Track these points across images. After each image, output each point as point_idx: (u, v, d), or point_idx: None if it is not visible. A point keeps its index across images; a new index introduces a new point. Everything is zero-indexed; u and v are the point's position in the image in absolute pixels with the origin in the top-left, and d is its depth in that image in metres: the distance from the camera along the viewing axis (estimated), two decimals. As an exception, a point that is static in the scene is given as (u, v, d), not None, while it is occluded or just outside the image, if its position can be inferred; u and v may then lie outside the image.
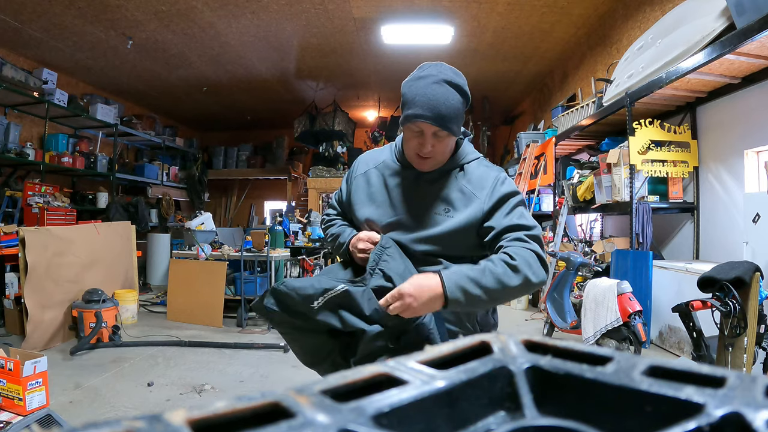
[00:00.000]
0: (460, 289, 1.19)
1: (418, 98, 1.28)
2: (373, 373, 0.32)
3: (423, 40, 6.49)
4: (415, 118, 1.29)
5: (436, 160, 1.38)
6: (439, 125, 1.28)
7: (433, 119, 1.27)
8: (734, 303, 2.62)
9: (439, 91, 1.28)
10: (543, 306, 5.15)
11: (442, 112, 1.27)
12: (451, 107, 1.28)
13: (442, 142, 1.33)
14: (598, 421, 0.31)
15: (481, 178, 1.38)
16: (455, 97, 1.29)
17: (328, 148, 9.84)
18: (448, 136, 1.32)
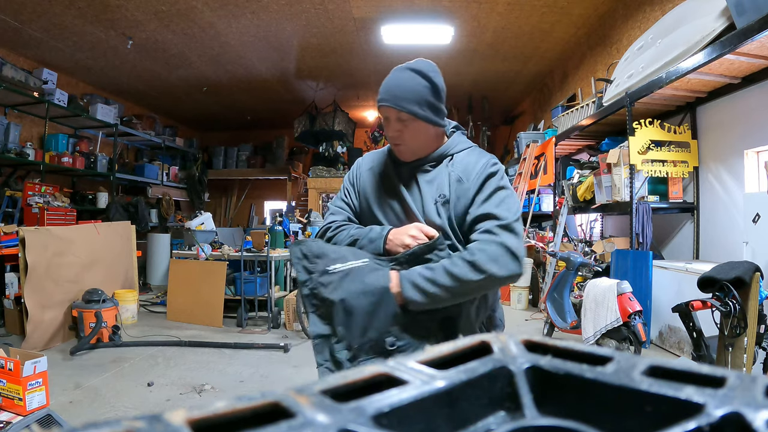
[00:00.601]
0: (415, 286, 1.21)
1: (384, 86, 1.35)
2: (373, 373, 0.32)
3: (423, 40, 6.49)
4: (378, 104, 1.35)
5: (408, 146, 1.38)
6: (397, 106, 1.31)
7: (390, 100, 1.32)
8: (734, 303, 2.62)
9: (400, 76, 1.34)
10: (543, 306, 5.15)
11: (398, 94, 1.31)
12: (409, 89, 1.31)
13: (409, 127, 1.34)
14: (598, 421, 0.31)
15: (470, 164, 1.39)
16: (416, 81, 1.32)
17: (328, 148, 9.84)
18: (412, 119, 1.33)
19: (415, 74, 1.33)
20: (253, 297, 5.50)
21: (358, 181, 1.51)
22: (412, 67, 1.34)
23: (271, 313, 5.33)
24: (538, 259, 6.52)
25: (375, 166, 1.51)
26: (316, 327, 1.35)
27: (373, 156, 1.55)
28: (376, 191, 1.46)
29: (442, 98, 1.38)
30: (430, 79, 1.34)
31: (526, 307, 6.29)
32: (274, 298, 5.49)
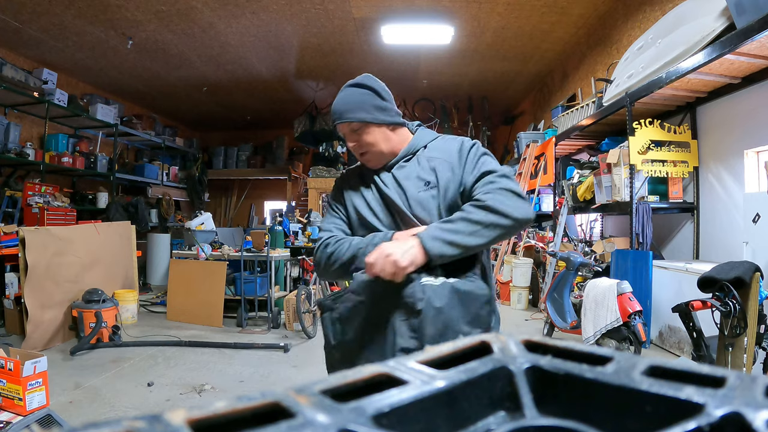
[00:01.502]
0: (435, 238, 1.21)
1: (332, 108, 1.45)
2: (373, 373, 0.32)
3: (423, 40, 6.49)
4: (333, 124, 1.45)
5: (371, 152, 1.43)
6: (344, 119, 1.41)
7: (338, 117, 1.42)
8: (734, 303, 2.62)
9: (341, 94, 1.44)
10: (543, 306, 5.15)
11: (343, 109, 1.41)
12: (351, 101, 1.41)
13: (364, 134, 1.41)
14: (598, 421, 0.31)
15: (447, 146, 1.44)
16: (356, 92, 1.42)
17: (328, 148, 9.85)
18: (364, 126, 1.40)
19: (354, 87, 1.43)
20: (253, 297, 5.50)
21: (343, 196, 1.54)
22: (350, 83, 1.45)
23: (271, 313, 5.33)
24: (538, 259, 6.52)
25: (353, 181, 1.54)
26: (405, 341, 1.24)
27: (349, 173, 1.60)
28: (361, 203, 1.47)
29: (386, 99, 1.44)
30: (368, 86, 1.43)
31: (526, 307, 6.29)
32: (274, 298, 5.49)
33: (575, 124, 5.59)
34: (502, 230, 1.25)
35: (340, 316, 1.34)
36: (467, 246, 1.23)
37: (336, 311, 1.35)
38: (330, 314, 1.36)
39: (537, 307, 6.17)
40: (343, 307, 1.33)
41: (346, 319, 1.33)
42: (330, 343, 1.37)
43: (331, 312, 1.36)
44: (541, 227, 7.15)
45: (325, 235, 1.46)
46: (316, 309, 5.31)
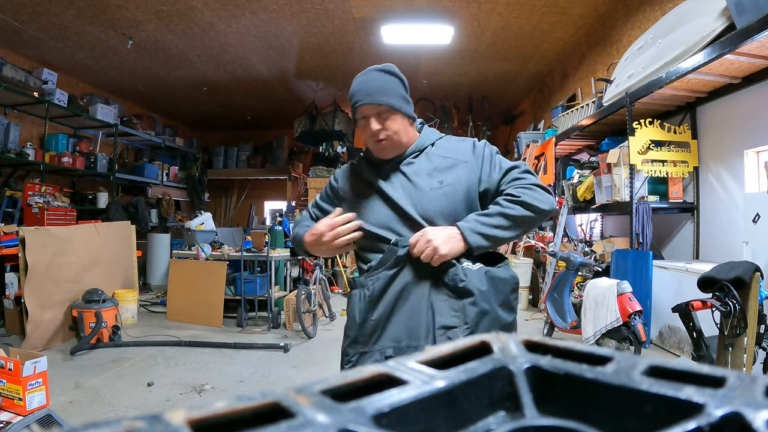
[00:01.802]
0: (475, 231, 1.29)
1: (354, 89, 1.42)
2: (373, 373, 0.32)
3: (423, 40, 6.49)
4: (354, 105, 1.40)
5: (392, 141, 1.41)
6: (375, 101, 1.37)
7: (366, 99, 1.38)
8: (734, 303, 2.62)
9: (368, 77, 1.42)
10: (543, 306, 5.15)
11: (373, 91, 1.38)
12: (381, 85, 1.39)
13: (389, 119, 1.39)
14: (598, 421, 0.31)
15: (456, 147, 1.46)
16: (384, 77, 1.41)
17: (328, 148, 9.84)
18: (390, 111, 1.39)
19: (382, 73, 1.42)
20: (253, 297, 5.50)
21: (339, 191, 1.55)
22: (376, 68, 1.43)
23: (271, 313, 5.33)
24: (538, 259, 6.52)
25: (350, 177, 1.54)
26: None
27: (345, 169, 1.59)
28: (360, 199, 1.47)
29: (409, 92, 1.46)
30: (398, 75, 1.43)
31: (526, 307, 6.29)
32: (274, 298, 5.49)
33: (575, 124, 5.59)
34: (533, 223, 1.36)
35: (372, 293, 1.35)
36: (503, 239, 1.33)
37: (368, 288, 1.36)
38: (361, 291, 1.37)
39: (537, 307, 6.17)
40: (377, 285, 1.34)
41: (378, 296, 1.34)
42: (355, 322, 1.37)
43: (363, 289, 1.37)
44: (541, 227, 7.15)
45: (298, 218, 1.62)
46: (315, 309, 5.32)
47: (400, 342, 1.32)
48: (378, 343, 1.34)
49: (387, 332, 1.33)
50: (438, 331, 1.30)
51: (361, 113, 1.41)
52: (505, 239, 1.33)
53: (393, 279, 1.33)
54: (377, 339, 1.34)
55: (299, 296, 4.88)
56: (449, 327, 1.29)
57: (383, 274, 1.34)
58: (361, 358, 1.36)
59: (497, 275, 1.34)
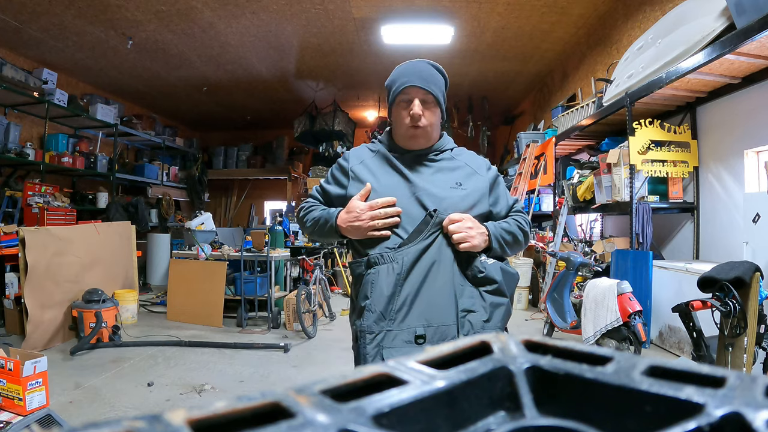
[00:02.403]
0: (498, 238, 1.42)
1: (404, 71, 1.43)
2: (373, 373, 0.32)
3: (423, 40, 6.49)
4: (403, 85, 1.40)
5: (426, 131, 1.44)
6: (426, 87, 1.39)
7: (419, 82, 1.39)
8: (734, 303, 2.62)
9: (421, 65, 1.44)
10: (543, 306, 5.15)
11: (426, 78, 1.40)
12: (433, 77, 1.42)
13: (430, 110, 1.42)
14: (598, 421, 0.31)
15: (473, 158, 1.54)
16: (436, 73, 1.45)
17: (328, 148, 9.84)
18: (434, 104, 1.42)
19: (433, 68, 1.45)
20: (253, 297, 5.50)
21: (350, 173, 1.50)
22: (428, 62, 1.46)
23: (271, 313, 5.33)
24: (538, 259, 6.52)
25: (368, 158, 1.51)
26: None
27: (360, 151, 1.55)
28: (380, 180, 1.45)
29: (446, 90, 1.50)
30: (445, 74, 1.48)
31: (526, 307, 6.29)
32: (274, 298, 5.49)
33: (575, 124, 5.59)
34: (517, 251, 1.56)
35: (402, 267, 1.35)
36: (506, 253, 1.49)
37: (397, 262, 1.36)
38: (390, 266, 1.36)
39: (537, 307, 6.17)
40: (407, 259, 1.35)
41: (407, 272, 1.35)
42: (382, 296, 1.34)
43: (392, 263, 1.36)
44: (541, 227, 7.15)
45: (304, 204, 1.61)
46: (315, 309, 5.32)
47: (431, 321, 1.33)
48: (405, 321, 1.33)
49: (414, 310, 1.34)
50: (461, 314, 1.35)
51: (406, 94, 1.41)
52: (505, 254, 1.49)
53: (421, 256, 1.36)
54: (404, 317, 1.33)
55: (299, 296, 4.88)
56: (470, 311, 1.35)
57: (414, 249, 1.35)
58: (387, 335, 1.33)
59: (508, 270, 1.46)
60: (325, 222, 1.46)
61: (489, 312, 1.37)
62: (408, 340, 1.32)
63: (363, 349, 1.34)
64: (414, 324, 1.33)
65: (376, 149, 1.53)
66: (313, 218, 1.51)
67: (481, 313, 1.36)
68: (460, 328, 1.34)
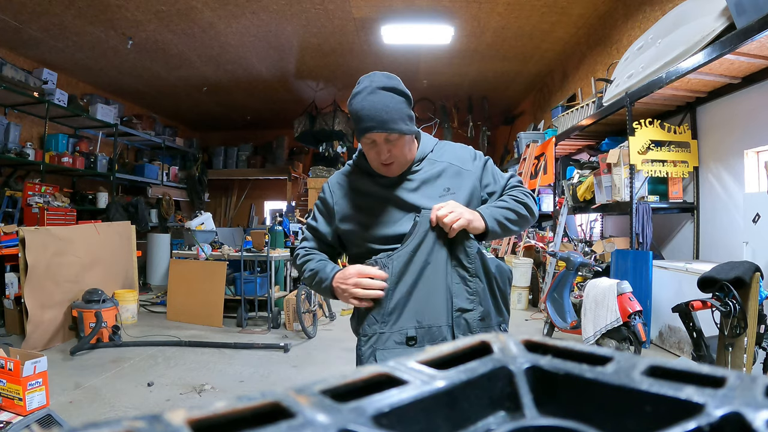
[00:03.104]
0: (494, 217, 1.38)
1: (359, 113, 1.35)
2: (373, 373, 0.32)
3: (423, 40, 6.49)
4: (363, 132, 1.36)
5: (399, 163, 1.42)
6: (385, 130, 1.34)
7: (378, 127, 1.33)
8: (734, 303, 2.62)
9: (375, 99, 1.34)
10: (543, 306, 5.15)
11: (383, 118, 1.33)
12: (390, 110, 1.34)
13: (397, 144, 1.38)
14: (598, 421, 0.31)
15: (456, 154, 1.50)
16: (392, 99, 1.36)
17: (328, 148, 9.85)
18: (399, 137, 1.38)
19: (389, 93, 1.36)
20: (253, 297, 5.50)
21: (334, 207, 1.50)
22: (381, 86, 1.36)
23: (271, 313, 5.33)
24: (538, 259, 6.52)
25: (348, 188, 1.50)
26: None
27: (339, 178, 1.55)
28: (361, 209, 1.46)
29: (412, 104, 1.45)
30: (403, 92, 1.39)
31: (526, 307, 6.29)
32: (274, 298, 5.49)
33: (575, 124, 5.59)
34: (526, 225, 1.47)
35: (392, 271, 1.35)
36: (510, 231, 1.43)
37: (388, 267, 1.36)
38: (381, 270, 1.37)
39: (537, 307, 6.17)
40: (398, 263, 1.35)
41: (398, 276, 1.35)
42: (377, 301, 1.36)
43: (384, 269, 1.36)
44: (541, 227, 7.15)
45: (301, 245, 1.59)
46: (315, 309, 5.32)
47: (422, 322, 1.33)
48: (397, 323, 1.35)
49: (406, 312, 1.34)
50: (455, 313, 1.34)
51: (369, 138, 1.38)
52: (511, 232, 1.43)
53: (412, 258, 1.34)
54: (396, 319, 1.35)
55: (299, 296, 4.88)
56: (465, 310, 1.34)
57: (404, 251, 1.35)
58: (380, 337, 1.35)
59: (503, 266, 1.46)
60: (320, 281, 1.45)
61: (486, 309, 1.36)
62: (400, 341, 1.34)
63: (359, 350, 1.39)
64: (406, 326, 1.34)
65: (356, 177, 1.52)
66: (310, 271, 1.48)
67: (477, 311, 1.35)
68: (456, 328, 1.34)
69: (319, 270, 1.46)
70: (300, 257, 1.54)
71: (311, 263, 1.50)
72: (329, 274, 1.43)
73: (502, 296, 1.42)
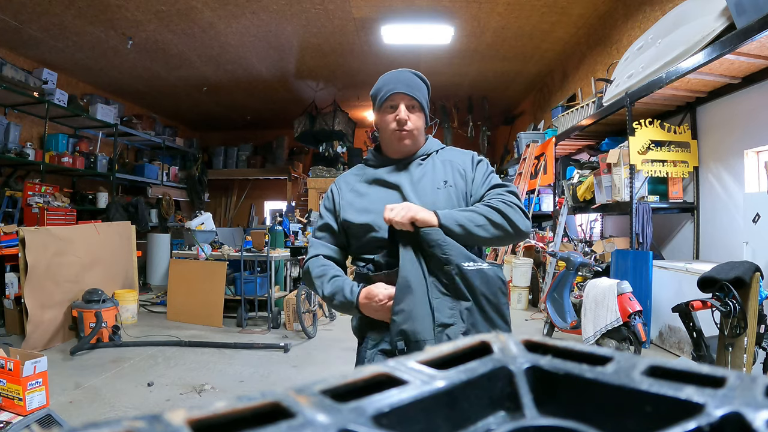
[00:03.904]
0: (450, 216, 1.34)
1: (389, 80, 1.49)
2: (373, 373, 0.32)
3: (423, 40, 6.49)
4: (389, 92, 1.46)
5: (413, 135, 1.49)
6: (411, 93, 1.45)
7: (404, 88, 1.45)
8: (734, 303, 2.62)
9: (405, 74, 1.50)
10: (543, 306, 5.15)
11: (410, 84, 1.47)
12: (416, 84, 1.48)
13: (415, 115, 1.48)
14: (598, 421, 0.31)
15: (459, 156, 1.56)
16: (420, 80, 1.50)
17: (328, 148, 9.85)
18: (419, 109, 1.48)
19: (416, 76, 1.50)
20: (253, 297, 5.50)
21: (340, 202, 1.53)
22: (408, 70, 1.51)
23: (271, 313, 5.33)
24: (538, 259, 6.52)
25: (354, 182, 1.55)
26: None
27: (347, 177, 1.60)
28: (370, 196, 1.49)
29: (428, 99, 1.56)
30: (427, 83, 1.53)
31: (526, 307, 6.29)
32: (274, 298, 5.49)
33: (575, 124, 5.59)
34: (504, 234, 1.39)
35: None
36: (472, 234, 1.36)
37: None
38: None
39: (537, 307, 6.17)
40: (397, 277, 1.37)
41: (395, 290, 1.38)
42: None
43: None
44: (541, 227, 7.15)
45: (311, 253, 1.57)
46: (315, 309, 5.32)
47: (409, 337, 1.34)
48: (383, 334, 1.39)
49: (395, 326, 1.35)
50: (437, 329, 1.33)
51: (392, 100, 1.46)
52: (475, 236, 1.36)
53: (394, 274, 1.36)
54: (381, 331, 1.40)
55: (299, 296, 4.88)
56: (447, 325, 1.33)
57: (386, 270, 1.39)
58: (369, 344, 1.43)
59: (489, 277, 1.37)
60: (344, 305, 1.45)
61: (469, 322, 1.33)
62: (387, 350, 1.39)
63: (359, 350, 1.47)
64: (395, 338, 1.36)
65: (362, 172, 1.57)
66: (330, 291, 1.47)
67: (459, 325, 1.32)
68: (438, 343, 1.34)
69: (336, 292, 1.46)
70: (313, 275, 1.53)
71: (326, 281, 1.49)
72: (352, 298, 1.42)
73: (495, 309, 1.36)
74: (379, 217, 1.40)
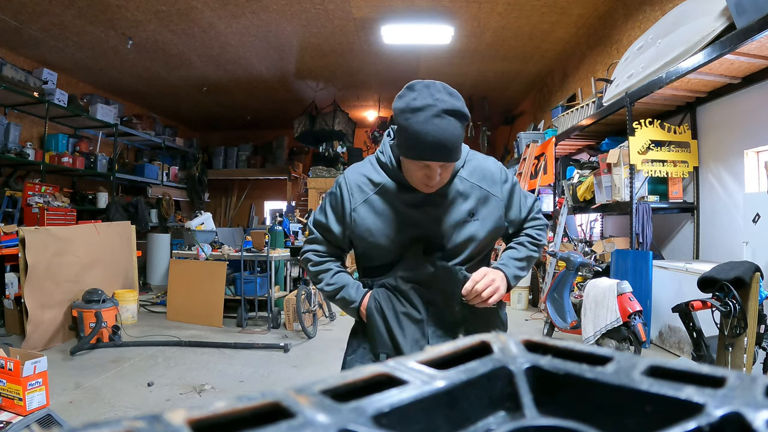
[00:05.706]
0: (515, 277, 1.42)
1: (421, 137, 1.21)
2: (373, 373, 0.32)
3: (423, 40, 6.49)
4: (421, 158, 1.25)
5: (441, 183, 1.34)
6: (448, 160, 1.26)
7: (442, 158, 1.24)
8: (734, 303, 2.62)
9: (442, 125, 1.21)
10: (543, 306, 5.15)
11: (449, 148, 1.23)
12: (456, 139, 1.23)
13: (448, 168, 1.31)
14: (598, 421, 0.31)
15: (484, 171, 1.42)
16: (458, 127, 1.24)
17: (328, 148, 9.84)
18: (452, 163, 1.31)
19: (454, 119, 1.23)
20: (253, 297, 5.50)
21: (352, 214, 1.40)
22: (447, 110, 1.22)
23: (271, 313, 5.33)
24: (538, 259, 6.51)
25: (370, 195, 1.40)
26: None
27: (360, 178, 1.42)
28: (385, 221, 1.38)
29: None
30: (466, 116, 1.27)
31: (526, 307, 6.29)
32: (274, 298, 5.49)
33: (575, 124, 5.59)
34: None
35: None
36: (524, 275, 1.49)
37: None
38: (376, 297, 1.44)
39: (537, 307, 6.17)
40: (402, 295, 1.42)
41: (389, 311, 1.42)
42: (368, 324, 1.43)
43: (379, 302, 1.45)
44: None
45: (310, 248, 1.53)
46: (315, 309, 5.32)
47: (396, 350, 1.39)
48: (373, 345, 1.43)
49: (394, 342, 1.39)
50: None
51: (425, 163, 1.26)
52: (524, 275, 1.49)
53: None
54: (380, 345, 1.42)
55: (299, 296, 4.88)
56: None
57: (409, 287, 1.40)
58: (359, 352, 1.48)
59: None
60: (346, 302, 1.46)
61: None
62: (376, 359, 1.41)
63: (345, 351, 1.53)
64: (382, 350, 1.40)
65: (380, 183, 1.39)
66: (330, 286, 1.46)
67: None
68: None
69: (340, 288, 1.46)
70: (312, 263, 1.50)
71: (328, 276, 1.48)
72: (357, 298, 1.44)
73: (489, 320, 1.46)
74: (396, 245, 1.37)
